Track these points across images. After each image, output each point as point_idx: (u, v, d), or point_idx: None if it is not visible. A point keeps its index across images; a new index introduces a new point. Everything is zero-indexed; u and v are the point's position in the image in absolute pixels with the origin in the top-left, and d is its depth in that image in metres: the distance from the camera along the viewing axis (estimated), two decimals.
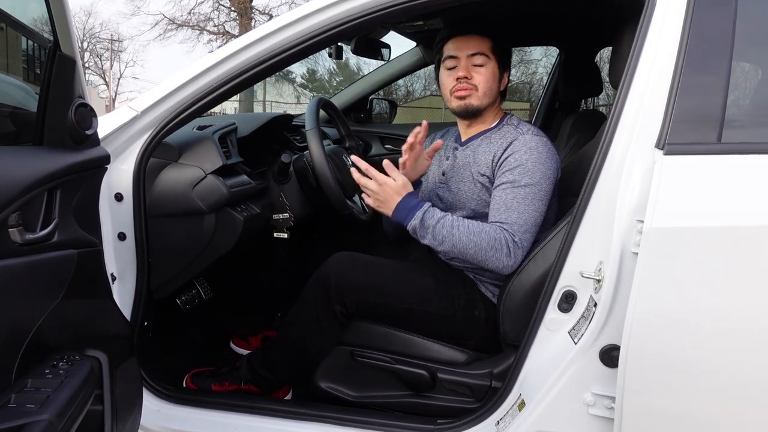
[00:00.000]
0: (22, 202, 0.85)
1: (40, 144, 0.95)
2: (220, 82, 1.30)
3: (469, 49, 1.45)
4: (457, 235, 1.33)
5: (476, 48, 1.45)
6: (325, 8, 1.25)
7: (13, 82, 1.11)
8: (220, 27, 16.67)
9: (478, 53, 1.45)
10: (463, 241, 1.32)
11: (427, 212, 1.35)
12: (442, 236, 1.34)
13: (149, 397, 1.39)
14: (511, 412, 1.26)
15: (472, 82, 1.45)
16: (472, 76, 1.45)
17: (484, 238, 1.32)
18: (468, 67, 1.45)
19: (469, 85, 1.45)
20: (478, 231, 1.33)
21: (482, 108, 1.47)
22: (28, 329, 0.89)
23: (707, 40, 1.08)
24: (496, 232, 1.33)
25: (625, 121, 1.13)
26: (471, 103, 1.45)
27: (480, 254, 1.33)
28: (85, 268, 1.00)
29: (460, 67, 1.45)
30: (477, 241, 1.32)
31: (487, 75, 1.45)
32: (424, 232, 1.35)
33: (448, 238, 1.33)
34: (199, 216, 1.39)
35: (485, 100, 1.46)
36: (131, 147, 1.30)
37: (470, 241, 1.32)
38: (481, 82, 1.45)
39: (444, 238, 1.33)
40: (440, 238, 1.34)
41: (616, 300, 1.10)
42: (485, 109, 1.48)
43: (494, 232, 1.33)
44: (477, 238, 1.32)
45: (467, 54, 1.45)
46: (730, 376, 1.05)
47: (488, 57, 1.45)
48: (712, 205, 1.03)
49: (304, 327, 1.44)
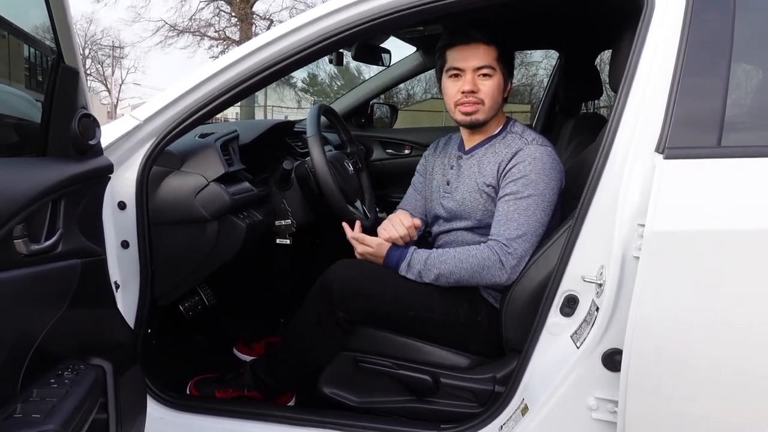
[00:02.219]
0: (27, 214, 0.85)
1: (44, 155, 0.96)
2: (221, 90, 1.30)
3: (477, 61, 1.40)
4: (447, 269, 1.37)
5: (483, 60, 1.40)
6: (325, 16, 1.26)
7: (17, 93, 1.11)
8: (221, 33, 16.71)
9: (485, 66, 1.40)
10: (454, 271, 1.37)
11: (412, 258, 1.40)
12: (435, 274, 1.38)
13: (153, 404, 1.39)
14: (514, 416, 1.26)
15: (479, 96, 1.41)
16: (479, 89, 1.41)
17: (473, 261, 1.35)
18: (474, 80, 1.41)
19: (476, 100, 1.41)
20: (466, 257, 1.36)
21: (487, 120, 1.46)
22: (34, 339, 0.89)
23: (706, 43, 1.09)
24: (482, 252, 1.35)
25: (625, 125, 1.14)
26: (477, 118, 1.43)
27: (475, 277, 1.36)
28: (90, 277, 1.01)
29: (466, 80, 1.41)
30: (467, 267, 1.36)
31: (493, 87, 1.42)
32: (416, 276, 1.40)
33: (440, 274, 1.38)
34: (202, 223, 1.40)
35: (491, 113, 1.44)
36: (134, 156, 1.31)
37: (461, 269, 1.36)
38: (488, 96, 1.42)
39: (437, 275, 1.38)
40: (432, 276, 1.39)
41: (618, 304, 1.10)
42: (489, 120, 1.47)
43: (481, 252, 1.35)
44: (466, 264, 1.36)
45: (474, 66, 1.40)
46: (733, 378, 1.05)
47: (495, 68, 1.42)
48: (712, 208, 1.03)
49: (308, 334, 1.44)
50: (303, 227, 1.73)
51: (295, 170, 1.71)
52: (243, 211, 1.51)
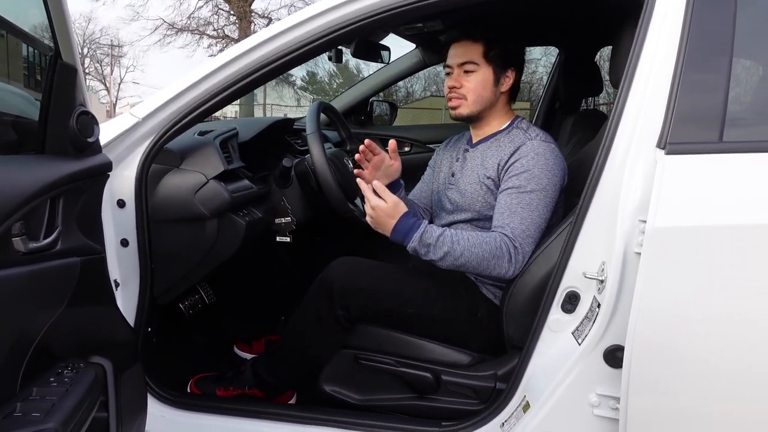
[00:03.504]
0: (25, 211, 0.85)
1: (42, 152, 0.95)
2: (220, 87, 1.30)
3: (459, 57, 1.46)
4: (458, 250, 1.32)
5: (465, 56, 1.45)
6: (324, 12, 1.26)
7: (15, 91, 1.11)
8: (220, 31, 16.68)
9: (467, 62, 1.45)
10: (464, 254, 1.32)
11: (425, 232, 1.34)
12: (443, 252, 1.33)
13: (154, 402, 1.39)
14: (515, 413, 1.26)
15: (461, 91, 1.46)
16: (462, 84, 1.46)
17: (485, 248, 1.32)
18: (459, 76, 1.46)
19: (458, 95, 1.46)
20: (479, 242, 1.33)
21: (473, 115, 1.48)
22: (33, 337, 0.89)
23: (707, 37, 1.08)
24: (495, 240, 1.33)
25: (626, 120, 1.13)
26: (460, 112, 1.48)
27: (482, 264, 1.33)
28: (89, 276, 1.00)
29: (452, 77, 1.47)
30: (478, 253, 1.32)
31: (476, 83, 1.45)
32: (424, 251, 1.34)
33: (449, 253, 1.33)
34: (202, 221, 1.39)
35: (475, 107, 1.47)
36: (133, 153, 1.30)
37: (471, 254, 1.32)
38: (470, 91, 1.45)
39: (445, 254, 1.33)
40: (441, 254, 1.33)
41: (620, 300, 1.10)
42: (481, 114, 1.48)
43: (494, 240, 1.33)
44: (478, 249, 1.32)
45: (457, 62, 1.46)
46: (736, 375, 1.05)
47: (478, 64, 1.45)
48: (714, 204, 1.03)
49: (308, 332, 1.44)
50: (303, 225, 1.73)
51: (294, 168, 1.71)
52: (243, 209, 1.51)
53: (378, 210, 1.35)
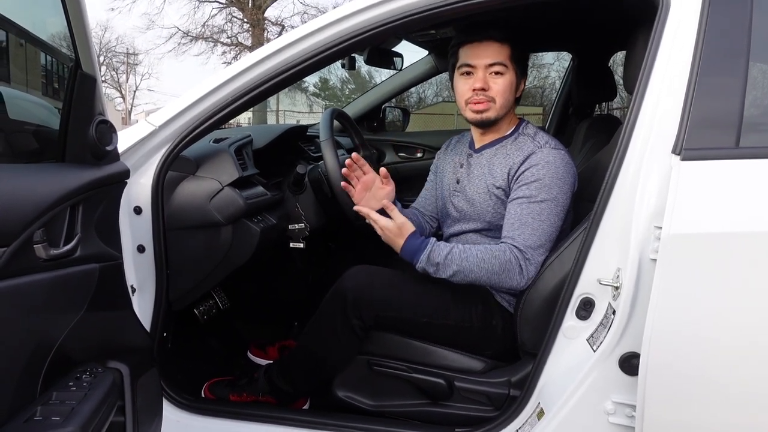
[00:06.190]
0: (46, 219, 0.87)
1: (62, 161, 0.97)
2: (235, 96, 1.31)
3: (488, 58, 1.39)
4: (467, 267, 1.32)
5: (495, 57, 1.38)
6: (338, 21, 1.27)
7: (36, 101, 1.13)
8: (234, 39, 16.86)
9: (497, 63, 1.39)
10: (474, 271, 1.32)
11: (433, 251, 1.34)
12: (453, 270, 1.33)
13: (169, 407, 1.40)
14: (530, 420, 1.25)
15: (490, 94, 1.39)
16: (490, 87, 1.39)
17: (495, 263, 1.32)
18: (485, 77, 1.39)
19: (486, 98, 1.39)
20: (488, 257, 1.32)
21: (499, 119, 1.44)
22: (53, 342, 0.90)
23: (723, 41, 1.07)
24: (505, 254, 1.32)
25: (641, 126, 1.12)
26: (488, 116, 1.41)
27: (493, 278, 1.33)
28: (107, 282, 1.02)
29: (477, 78, 1.39)
30: (488, 268, 1.32)
31: (505, 86, 1.40)
32: (433, 269, 1.35)
33: (459, 271, 1.33)
34: (217, 228, 1.40)
35: (502, 111, 1.42)
36: (150, 161, 1.32)
37: (481, 269, 1.32)
38: (499, 94, 1.39)
39: (455, 272, 1.33)
40: (450, 272, 1.33)
41: (635, 307, 1.09)
42: (500, 118, 1.45)
43: (504, 254, 1.32)
44: (488, 264, 1.32)
45: (486, 63, 1.39)
46: (754, 384, 1.03)
47: (507, 66, 1.39)
48: (730, 210, 1.02)
49: (322, 341, 1.44)
50: (316, 231, 1.73)
51: (308, 174, 1.72)
52: (257, 216, 1.52)
53: (385, 231, 1.38)
